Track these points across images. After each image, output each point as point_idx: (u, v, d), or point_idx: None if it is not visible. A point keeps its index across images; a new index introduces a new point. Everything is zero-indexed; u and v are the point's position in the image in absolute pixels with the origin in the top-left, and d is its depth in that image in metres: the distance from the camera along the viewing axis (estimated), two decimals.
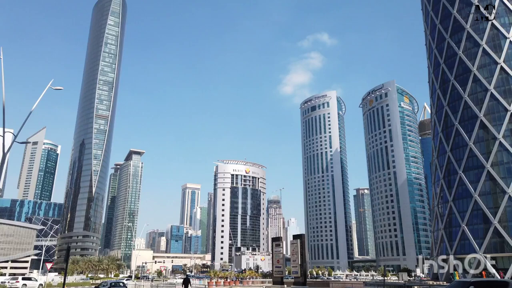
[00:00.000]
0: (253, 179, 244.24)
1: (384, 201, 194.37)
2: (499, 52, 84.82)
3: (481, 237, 78.51)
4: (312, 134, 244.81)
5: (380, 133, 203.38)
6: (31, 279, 58.01)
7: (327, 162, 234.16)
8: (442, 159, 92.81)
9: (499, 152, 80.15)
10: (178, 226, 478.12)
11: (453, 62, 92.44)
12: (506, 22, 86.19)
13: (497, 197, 78.31)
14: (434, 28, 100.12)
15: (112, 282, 42.54)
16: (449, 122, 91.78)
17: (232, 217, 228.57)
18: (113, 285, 39.98)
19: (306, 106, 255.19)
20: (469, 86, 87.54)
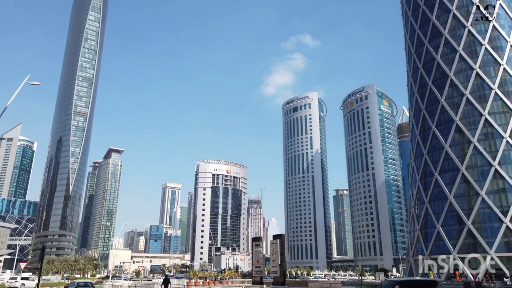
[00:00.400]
0: (234, 179, 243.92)
1: (362, 202, 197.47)
2: (475, 58, 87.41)
3: (455, 238, 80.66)
4: (293, 135, 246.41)
5: (360, 135, 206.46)
6: (28, 278, 59.05)
7: (307, 163, 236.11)
8: (419, 161, 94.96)
9: (474, 155, 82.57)
10: (157, 226, 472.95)
11: (431, 67, 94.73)
12: (482, 29, 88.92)
13: (471, 199, 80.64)
14: (413, 33, 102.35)
15: (79, 282, 43.44)
16: (426, 126, 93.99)
17: (212, 217, 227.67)
18: (80, 285, 40.70)
19: (288, 107, 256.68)
20: (446, 91, 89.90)
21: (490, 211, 77.56)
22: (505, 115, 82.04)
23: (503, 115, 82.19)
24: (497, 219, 76.20)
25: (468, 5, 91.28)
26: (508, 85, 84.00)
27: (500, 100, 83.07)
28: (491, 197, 78.03)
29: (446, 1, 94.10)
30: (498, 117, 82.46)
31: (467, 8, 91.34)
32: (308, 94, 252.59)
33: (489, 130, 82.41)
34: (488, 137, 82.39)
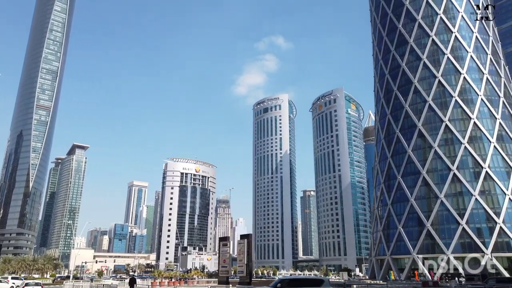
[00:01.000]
0: (203, 178, 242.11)
1: (328, 203, 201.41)
2: (438, 67, 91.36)
3: (415, 238, 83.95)
4: (263, 136, 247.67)
5: (327, 137, 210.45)
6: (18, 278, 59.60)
7: (276, 164, 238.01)
8: (383, 164, 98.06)
9: (434, 159, 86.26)
10: (122, 225, 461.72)
11: (397, 73, 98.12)
12: (445, 39, 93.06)
13: (431, 201, 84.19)
14: (381, 40, 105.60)
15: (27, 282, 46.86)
16: (391, 130, 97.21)
17: (179, 216, 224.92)
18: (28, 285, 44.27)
19: (259, 107, 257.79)
20: (410, 97, 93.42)
21: (448, 213, 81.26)
22: (464, 122, 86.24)
23: (462, 122, 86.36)
24: (454, 221, 79.93)
25: (432, 15, 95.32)
26: (467, 94, 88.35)
27: (460, 108, 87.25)
28: (449, 200, 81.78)
29: (412, 11, 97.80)
30: (458, 124, 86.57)
31: (431, 18, 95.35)
32: (279, 96, 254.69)
33: (449, 136, 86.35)
34: (448, 142, 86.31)
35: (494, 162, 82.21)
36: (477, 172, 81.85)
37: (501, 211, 77.92)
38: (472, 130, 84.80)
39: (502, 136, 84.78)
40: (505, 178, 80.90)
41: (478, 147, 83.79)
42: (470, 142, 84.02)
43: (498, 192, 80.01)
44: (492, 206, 78.79)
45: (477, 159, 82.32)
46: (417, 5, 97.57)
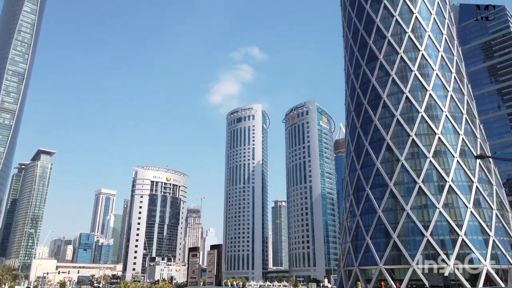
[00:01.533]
0: (174, 187, 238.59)
1: (299, 214, 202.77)
2: (406, 83, 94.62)
3: (382, 250, 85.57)
4: (236, 145, 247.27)
5: (299, 148, 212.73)
6: None
7: (249, 174, 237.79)
8: (352, 176, 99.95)
9: (401, 172, 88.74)
10: (88, 234, 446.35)
11: (367, 87, 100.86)
12: (412, 57, 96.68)
13: (397, 213, 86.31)
14: (352, 55, 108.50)
15: None
16: (360, 143, 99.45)
17: (148, 225, 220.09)
18: None
19: (233, 117, 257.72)
20: (379, 111, 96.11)
21: (413, 225, 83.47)
22: (429, 137, 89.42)
23: (428, 137, 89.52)
24: (419, 233, 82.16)
25: (401, 34, 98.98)
26: (433, 110, 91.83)
27: (425, 123, 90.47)
28: (415, 212, 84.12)
29: (382, 28, 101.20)
30: (424, 139, 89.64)
31: (400, 36, 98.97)
32: (253, 106, 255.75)
33: (415, 150, 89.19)
34: (414, 156, 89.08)
35: (457, 176, 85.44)
36: (441, 185, 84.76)
37: (463, 223, 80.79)
38: (437, 145, 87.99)
39: (464, 151, 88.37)
40: (467, 192, 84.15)
41: (442, 162, 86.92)
42: (435, 157, 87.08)
43: (461, 205, 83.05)
44: (455, 219, 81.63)
45: (441, 173, 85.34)
46: (387, 23, 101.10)
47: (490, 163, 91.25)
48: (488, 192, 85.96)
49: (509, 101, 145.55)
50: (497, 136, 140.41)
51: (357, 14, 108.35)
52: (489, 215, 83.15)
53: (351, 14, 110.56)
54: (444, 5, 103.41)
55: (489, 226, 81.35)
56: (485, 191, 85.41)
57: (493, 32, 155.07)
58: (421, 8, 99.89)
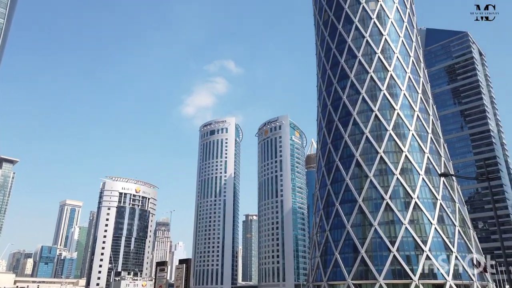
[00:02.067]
0: (143, 199, 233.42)
1: (270, 228, 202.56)
2: (375, 102, 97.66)
3: (350, 265, 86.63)
4: (208, 158, 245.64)
5: (272, 162, 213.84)
6: None
7: (220, 187, 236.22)
8: (323, 191, 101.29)
9: (369, 188, 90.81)
10: (50, 247, 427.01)
11: (338, 105, 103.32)
12: (381, 77, 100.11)
13: (365, 229, 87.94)
14: (325, 73, 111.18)
15: None
16: (331, 158, 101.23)
17: (115, 238, 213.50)
18: None
19: (206, 129, 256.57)
20: (350, 128, 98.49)
21: (381, 241, 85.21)
22: (397, 154, 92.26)
23: (395, 154, 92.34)
24: (386, 248, 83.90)
25: (371, 54, 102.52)
26: (400, 128, 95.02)
27: (393, 141, 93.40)
28: (382, 228, 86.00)
29: (354, 48, 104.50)
30: (391, 156, 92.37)
31: (370, 56, 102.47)
32: (226, 119, 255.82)
33: (383, 166, 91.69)
34: (382, 173, 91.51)
35: (422, 193, 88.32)
36: (407, 202, 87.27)
37: (427, 239, 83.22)
38: (403, 162, 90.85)
39: (429, 169, 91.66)
40: (431, 209, 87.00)
41: (408, 179, 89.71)
42: (402, 174, 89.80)
43: (426, 221, 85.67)
44: (420, 235, 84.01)
45: (407, 190, 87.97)
46: (358, 43, 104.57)
47: (453, 181, 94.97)
48: (451, 209, 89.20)
49: (471, 122, 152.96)
50: (460, 155, 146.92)
51: (330, 33, 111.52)
52: (452, 231, 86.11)
53: (324, 33, 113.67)
54: (411, 29, 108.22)
55: (452, 242, 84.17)
56: (449, 208, 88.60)
57: (456, 56, 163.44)
58: (390, 30, 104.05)
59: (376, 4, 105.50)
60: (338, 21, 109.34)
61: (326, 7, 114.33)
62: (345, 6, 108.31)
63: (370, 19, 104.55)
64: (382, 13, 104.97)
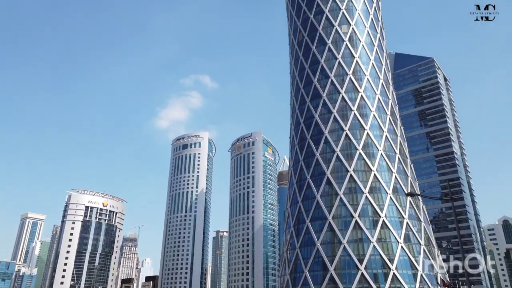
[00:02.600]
0: (111, 214, 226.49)
1: (240, 245, 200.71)
2: (346, 121, 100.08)
3: (319, 283, 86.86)
4: (180, 172, 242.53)
5: (244, 178, 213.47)
6: None
7: (191, 202, 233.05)
8: (294, 208, 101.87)
9: (339, 206, 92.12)
10: (8, 263, 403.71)
11: (311, 123, 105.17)
12: (352, 97, 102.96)
13: (335, 246, 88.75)
14: (298, 91, 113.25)
15: None
16: (303, 176, 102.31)
17: (79, 254, 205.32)
18: None
19: (178, 143, 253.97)
20: (321, 146, 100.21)
21: (349, 259, 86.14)
22: (366, 173, 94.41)
23: (364, 173, 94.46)
24: (354, 266, 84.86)
25: (343, 75, 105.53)
26: (369, 148, 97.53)
27: (363, 160, 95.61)
28: (351, 246, 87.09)
29: (326, 69, 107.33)
30: (361, 175, 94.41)
31: (342, 77, 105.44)
32: (200, 133, 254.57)
33: (353, 185, 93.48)
34: (351, 191, 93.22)
35: (390, 212, 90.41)
36: (375, 220, 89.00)
37: (394, 258, 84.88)
38: (372, 181, 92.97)
39: (397, 188, 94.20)
40: (398, 227, 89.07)
41: (377, 197, 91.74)
42: (371, 192, 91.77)
43: (393, 240, 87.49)
44: (387, 253, 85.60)
45: (376, 208, 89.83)
46: (331, 64, 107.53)
47: (419, 201, 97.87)
48: (417, 228, 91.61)
49: (436, 144, 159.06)
50: (425, 175, 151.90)
51: (304, 53, 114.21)
52: (417, 250, 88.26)
53: (299, 53, 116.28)
54: (381, 52, 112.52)
55: (418, 261, 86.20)
56: (415, 227, 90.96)
57: (423, 80, 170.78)
58: (361, 53, 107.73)
59: (349, 28, 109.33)
60: (312, 42, 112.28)
61: (301, 28, 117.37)
62: (319, 28, 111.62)
63: (343, 42, 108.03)
64: (354, 36, 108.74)
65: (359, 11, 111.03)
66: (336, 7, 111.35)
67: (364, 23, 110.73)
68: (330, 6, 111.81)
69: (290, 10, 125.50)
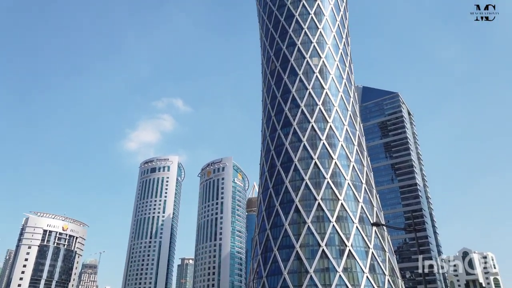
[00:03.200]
0: (70, 238, 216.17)
1: (206, 273, 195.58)
2: (315, 150, 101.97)
3: None
4: (147, 196, 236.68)
5: (213, 204, 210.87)
6: None
7: (157, 228, 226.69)
8: (262, 236, 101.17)
9: (307, 235, 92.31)
10: None
11: (281, 151, 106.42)
12: (322, 127, 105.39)
13: (301, 276, 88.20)
14: (269, 119, 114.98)
15: None
16: (271, 203, 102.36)
17: (33, 282, 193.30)
18: None
19: (147, 166, 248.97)
20: (291, 174, 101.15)
21: None
22: (333, 202, 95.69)
23: (332, 202, 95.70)
24: None
25: (313, 105, 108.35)
26: (337, 177, 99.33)
27: (330, 189, 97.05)
28: (317, 275, 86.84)
29: (297, 98, 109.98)
30: (328, 203, 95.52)
31: (312, 107, 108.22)
32: (169, 157, 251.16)
33: (320, 213, 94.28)
34: (319, 219, 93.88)
35: (356, 242, 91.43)
36: (342, 250, 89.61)
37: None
38: (339, 210, 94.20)
39: (363, 218, 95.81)
40: (364, 257, 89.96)
41: (343, 227, 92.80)
42: (338, 221, 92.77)
43: (358, 270, 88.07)
44: (353, 283, 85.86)
45: (342, 238, 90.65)
46: (301, 94, 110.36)
47: (384, 231, 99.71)
48: (382, 259, 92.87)
49: (400, 175, 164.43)
50: (390, 206, 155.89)
51: (276, 82, 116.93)
52: (382, 280, 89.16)
53: (271, 82, 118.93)
54: (350, 85, 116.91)
55: None
56: (380, 257, 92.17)
57: (388, 114, 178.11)
58: (331, 85, 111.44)
59: (319, 60, 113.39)
60: (284, 72, 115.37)
61: (273, 58, 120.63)
62: (291, 59, 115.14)
63: (313, 73, 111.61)
64: (324, 69, 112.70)
65: (329, 45, 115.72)
66: (308, 40, 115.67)
67: (334, 57, 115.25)
68: (302, 39, 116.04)
69: (264, 40, 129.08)
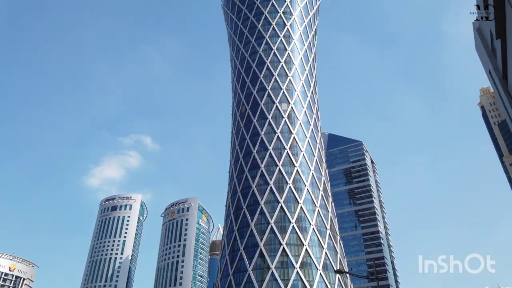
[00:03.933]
0: (17, 280, 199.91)
1: None
2: (281, 194, 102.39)
3: None
4: (105, 236, 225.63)
5: (175, 246, 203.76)
6: None
7: (113, 270, 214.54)
8: (224, 281, 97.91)
9: (271, 281, 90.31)
10: None
11: (248, 193, 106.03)
12: (288, 171, 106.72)
13: None
14: (237, 161, 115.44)
15: None
16: (236, 246, 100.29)
17: None
18: None
19: (107, 204, 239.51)
20: (256, 217, 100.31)
21: None
22: (298, 247, 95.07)
23: (296, 247, 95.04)
24: None
25: (281, 149, 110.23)
26: (302, 222, 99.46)
27: (295, 233, 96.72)
28: None
29: (266, 141, 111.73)
30: (293, 248, 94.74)
31: (280, 151, 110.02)
32: (132, 195, 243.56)
33: (285, 259, 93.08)
34: (283, 265, 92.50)
35: None
36: None
37: None
38: (304, 256, 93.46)
39: (326, 264, 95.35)
40: None
41: (307, 273, 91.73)
42: (302, 268, 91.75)
43: None
44: None
45: (306, 285, 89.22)
46: (270, 137, 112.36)
47: (347, 279, 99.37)
48: None
49: (364, 222, 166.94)
50: (353, 253, 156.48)
51: (246, 125, 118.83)
52: None
53: (240, 124, 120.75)
54: (316, 132, 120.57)
55: None
56: None
57: (353, 161, 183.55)
58: (298, 130, 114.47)
59: (288, 106, 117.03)
60: (254, 115, 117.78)
61: (244, 101, 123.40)
62: (261, 103, 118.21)
63: (282, 118, 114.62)
64: (292, 114, 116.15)
65: (298, 92, 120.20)
66: (278, 86, 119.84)
67: (302, 103, 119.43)
68: (272, 85, 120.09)
69: (235, 83, 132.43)
